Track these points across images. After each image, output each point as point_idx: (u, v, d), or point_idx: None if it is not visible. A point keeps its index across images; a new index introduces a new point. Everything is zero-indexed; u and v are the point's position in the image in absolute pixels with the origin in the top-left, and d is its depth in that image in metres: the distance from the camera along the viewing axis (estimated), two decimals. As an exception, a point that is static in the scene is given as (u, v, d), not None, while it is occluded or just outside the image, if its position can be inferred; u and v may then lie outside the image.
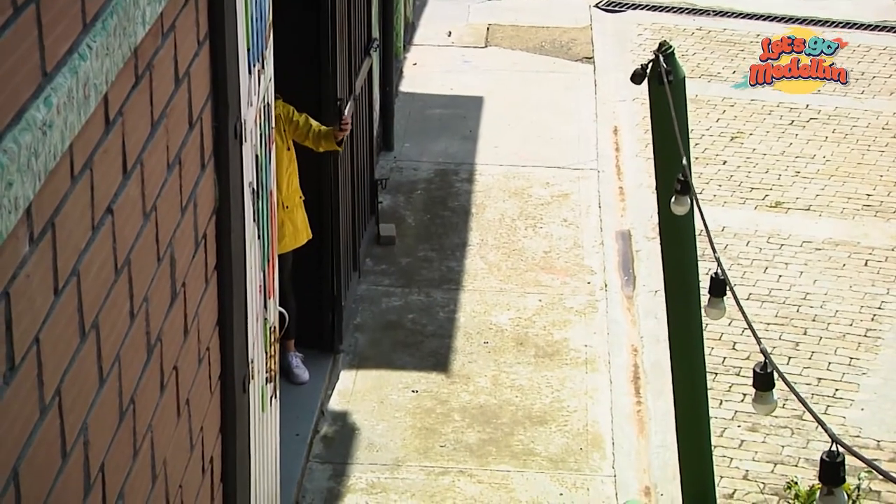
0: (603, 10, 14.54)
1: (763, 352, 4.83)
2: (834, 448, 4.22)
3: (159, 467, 3.93)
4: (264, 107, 5.55)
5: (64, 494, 3.05)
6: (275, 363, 6.06)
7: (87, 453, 3.21)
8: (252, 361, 5.29)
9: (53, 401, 2.95)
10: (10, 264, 2.69)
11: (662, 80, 6.12)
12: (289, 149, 7.91)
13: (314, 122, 7.99)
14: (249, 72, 5.04)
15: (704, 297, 5.99)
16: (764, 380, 4.98)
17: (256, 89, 5.27)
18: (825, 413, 8.36)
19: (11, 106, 2.64)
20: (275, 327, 6.03)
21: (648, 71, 6.21)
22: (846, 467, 4.41)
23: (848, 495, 6.24)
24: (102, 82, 3.11)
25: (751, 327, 4.90)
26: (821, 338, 9.21)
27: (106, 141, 3.26)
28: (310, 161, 8.22)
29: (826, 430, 4.16)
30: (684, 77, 6.30)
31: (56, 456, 2.99)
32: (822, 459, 4.30)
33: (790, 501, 7.47)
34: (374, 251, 10.08)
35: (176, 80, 3.95)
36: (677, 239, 6.54)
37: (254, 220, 5.27)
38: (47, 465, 2.94)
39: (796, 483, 7.53)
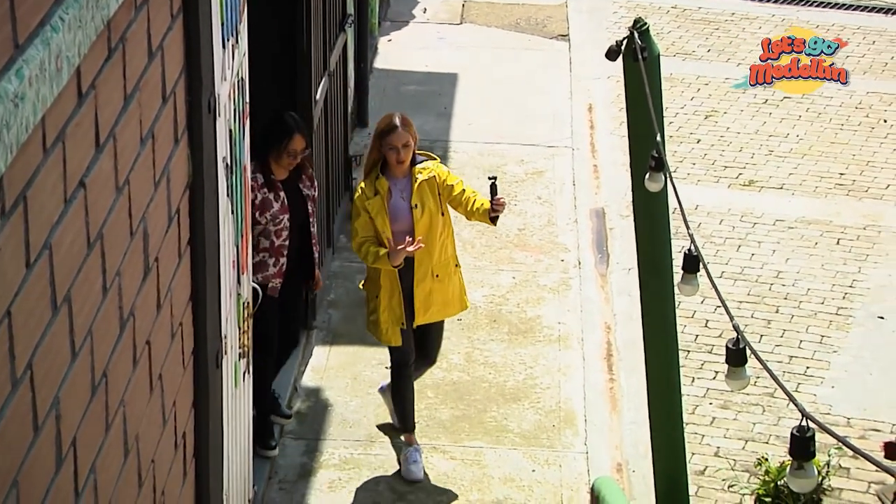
0: (578, -13, 14.52)
1: (735, 328, 4.85)
2: (804, 423, 4.25)
3: (131, 442, 3.93)
4: (238, 81, 5.53)
5: (35, 468, 3.05)
6: (248, 339, 6.05)
7: (59, 427, 3.20)
8: (225, 337, 5.29)
9: (25, 374, 2.94)
10: (-18, 237, 2.68)
11: (637, 57, 6.12)
12: (443, 213, 7.33)
13: (469, 190, 7.38)
14: (223, 46, 5.03)
15: (677, 275, 6.00)
16: (736, 355, 5.00)
17: (230, 63, 5.25)
18: (796, 391, 8.40)
19: (-17, 78, 2.63)
20: (248, 303, 6.02)
21: (623, 48, 6.20)
22: (816, 444, 4.43)
23: (818, 472, 6.27)
24: (75, 55, 3.10)
25: (723, 304, 4.92)
26: (793, 316, 9.24)
27: (78, 114, 3.25)
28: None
29: (797, 405, 4.18)
30: (659, 54, 6.30)
31: (28, 429, 2.99)
32: (792, 434, 4.32)
33: (760, 478, 7.51)
34: (348, 228, 10.05)
35: (149, 53, 3.93)
36: (651, 216, 6.55)
37: (227, 195, 5.26)
38: (19, 439, 2.93)
39: (767, 460, 7.58)
